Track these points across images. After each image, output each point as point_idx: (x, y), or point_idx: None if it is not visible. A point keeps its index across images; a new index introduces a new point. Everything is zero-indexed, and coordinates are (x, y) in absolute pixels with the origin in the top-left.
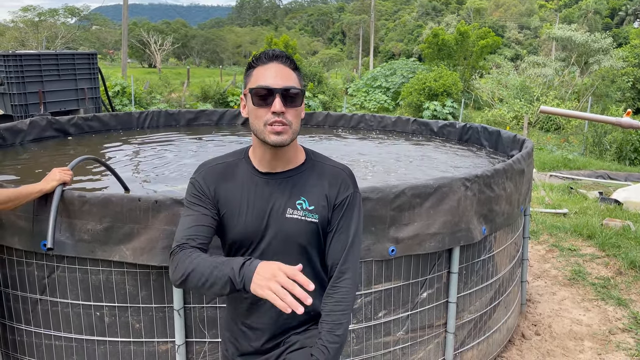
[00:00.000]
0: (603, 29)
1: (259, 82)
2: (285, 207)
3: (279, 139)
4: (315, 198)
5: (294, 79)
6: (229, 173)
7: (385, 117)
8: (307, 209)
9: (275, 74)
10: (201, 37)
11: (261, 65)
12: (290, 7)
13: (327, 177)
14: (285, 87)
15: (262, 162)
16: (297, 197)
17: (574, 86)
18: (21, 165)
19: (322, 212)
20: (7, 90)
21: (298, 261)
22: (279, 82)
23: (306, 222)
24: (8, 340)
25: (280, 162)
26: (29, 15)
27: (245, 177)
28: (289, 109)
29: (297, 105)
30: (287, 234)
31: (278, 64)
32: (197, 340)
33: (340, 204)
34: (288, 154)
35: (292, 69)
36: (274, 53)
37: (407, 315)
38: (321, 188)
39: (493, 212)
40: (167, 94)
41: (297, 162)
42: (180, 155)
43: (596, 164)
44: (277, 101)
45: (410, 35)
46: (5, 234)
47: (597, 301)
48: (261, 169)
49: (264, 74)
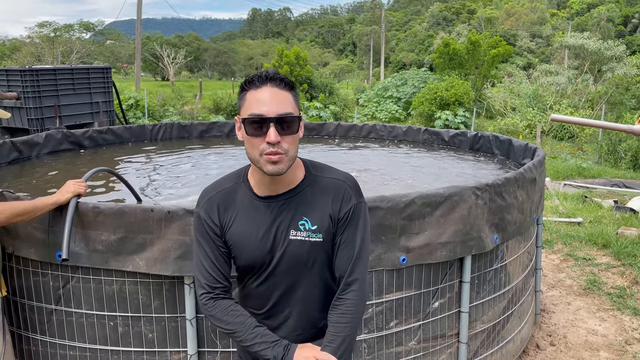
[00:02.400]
0: (616, 37)
1: (252, 109)
2: (289, 229)
3: (275, 168)
4: (317, 216)
5: (290, 102)
6: (229, 201)
7: (396, 127)
8: (310, 229)
9: (269, 99)
10: (213, 50)
11: (254, 89)
12: (302, 20)
13: (329, 191)
14: (280, 115)
15: (262, 185)
16: (299, 218)
17: (587, 94)
18: (37, 178)
19: (327, 229)
20: (23, 104)
21: (309, 278)
22: (273, 109)
23: (311, 243)
24: (24, 350)
25: (280, 185)
26: (45, 30)
27: (245, 203)
28: (285, 137)
29: (293, 132)
30: (293, 256)
31: (272, 87)
32: (209, 350)
33: (344, 217)
34: (287, 177)
35: (288, 90)
36: (267, 75)
37: (418, 325)
38: (323, 205)
39: (505, 221)
40: (180, 107)
41: (297, 181)
42: (193, 166)
43: (611, 172)
44: (272, 131)
45: (421, 45)
46: (21, 245)
47: (612, 311)
48: (261, 193)
49: (257, 99)
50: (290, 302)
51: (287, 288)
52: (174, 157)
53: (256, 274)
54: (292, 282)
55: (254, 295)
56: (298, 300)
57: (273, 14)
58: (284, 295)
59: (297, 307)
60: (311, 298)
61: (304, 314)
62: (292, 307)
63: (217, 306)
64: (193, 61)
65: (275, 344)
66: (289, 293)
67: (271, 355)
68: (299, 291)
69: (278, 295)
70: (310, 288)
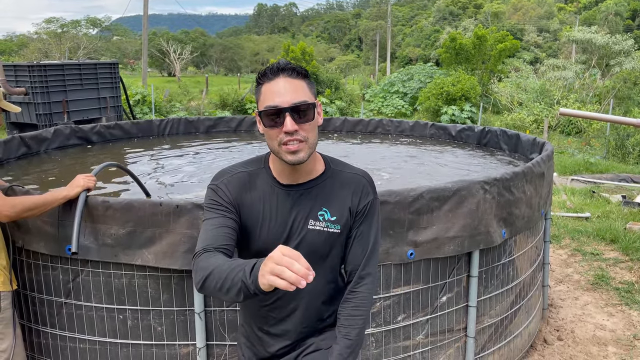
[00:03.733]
0: (624, 31)
1: (267, 101)
2: (307, 219)
3: (295, 157)
4: (337, 208)
5: (304, 90)
6: (251, 183)
7: (403, 122)
8: (329, 219)
9: (283, 90)
10: (219, 46)
11: (267, 81)
12: (307, 15)
13: (348, 185)
14: (294, 104)
15: (283, 174)
16: (318, 208)
17: (595, 89)
18: (45, 172)
19: (345, 222)
20: (31, 99)
21: (321, 270)
22: (287, 99)
23: (329, 233)
24: (34, 343)
25: (300, 175)
26: (52, 27)
27: (266, 188)
28: (302, 125)
29: (309, 119)
30: (309, 245)
31: (285, 77)
32: (217, 344)
33: (362, 211)
34: (308, 166)
35: (302, 79)
36: (279, 66)
37: (426, 319)
38: (343, 197)
39: (513, 216)
40: (187, 102)
41: (317, 173)
42: (201, 161)
43: (619, 167)
44: (288, 120)
45: (427, 40)
46: (31, 239)
47: (621, 306)
48: (282, 181)
49: (271, 91)
50: (299, 294)
51: None
52: (182, 152)
53: None
54: None
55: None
56: (306, 292)
57: (279, 9)
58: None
59: (305, 300)
60: (319, 291)
61: (311, 306)
62: (300, 300)
63: (203, 256)
64: (199, 57)
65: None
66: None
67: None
68: (309, 283)
69: None
70: (319, 281)
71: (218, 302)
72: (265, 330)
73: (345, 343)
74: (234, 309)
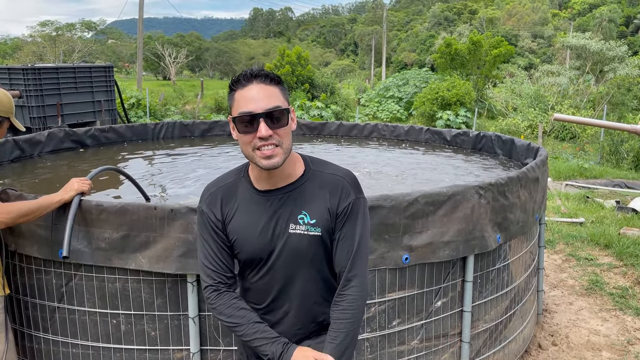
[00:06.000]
0: (618, 37)
1: (241, 107)
2: (288, 223)
3: (270, 162)
4: (316, 210)
5: (277, 95)
6: (230, 195)
7: (398, 127)
8: (309, 223)
9: (257, 96)
10: (215, 50)
11: (241, 88)
12: (303, 19)
13: (327, 186)
14: (268, 110)
15: (261, 180)
16: (298, 212)
17: (589, 95)
18: (39, 176)
19: (325, 224)
20: (26, 102)
21: (307, 272)
22: (261, 105)
23: (309, 236)
24: (26, 347)
25: (279, 179)
26: (47, 30)
27: (246, 198)
28: (277, 130)
29: (284, 124)
30: (292, 249)
31: (258, 83)
32: (211, 348)
33: (343, 212)
34: (285, 170)
35: (275, 85)
36: (252, 72)
37: (421, 324)
38: (322, 199)
39: (507, 220)
40: (182, 106)
41: (296, 176)
42: (196, 165)
43: (613, 172)
44: (262, 126)
45: (422, 45)
46: (24, 243)
47: (615, 311)
48: (261, 187)
49: (245, 97)
50: (289, 297)
51: (286, 282)
52: (176, 156)
53: (256, 267)
54: (291, 276)
55: (253, 289)
56: (297, 294)
57: (274, 13)
58: (283, 290)
59: (295, 302)
60: (310, 292)
61: (303, 308)
62: (292, 302)
63: (220, 299)
64: (194, 61)
65: (274, 340)
66: (287, 287)
67: (270, 352)
68: (297, 285)
69: (277, 289)
70: (308, 282)
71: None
72: None
73: (333, 347)
74: None
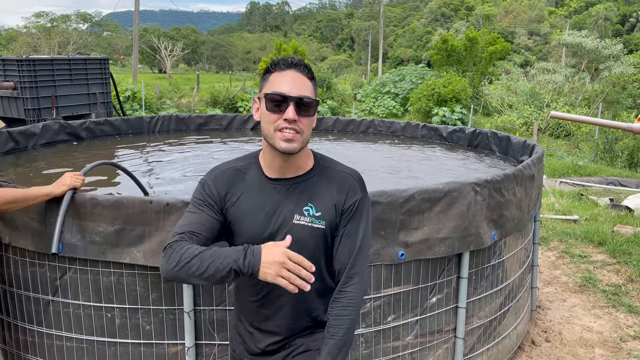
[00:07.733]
0: (613, 36)
1: (275, 88)
2: (293, 213)
3: (288, 146)
4: (323, 204)
5: (310, 88)
6: (239, 178)
7: (395, 122)
8: (314, 215)
9: (292, 82)
10: (211, 43)
11: (279, 71)
12: (300, 14)
13: (335, 182)
14: (300, 96)
15: (272, 167)
16: (304, 204)
17: (584, 92)
18: (32, 169)
19: (330, 218)
20: (20, 94)
21: None
22: (294, 90)
23: (313, 228)
24: (20, 340)
25: (289, 169)
26: (42, 21)
27: (254, 183)
28: (302, 118)
29: (310, 114)
30: (294, 240)
31: (296, 72)
32: (206, 343)
33: (349, 209)
34: (298, 161)
35: (309, 79)
36: (293, 61)
37: (416, 319)
38: (329, 194)
39: (503, 217)
40: (177, 99)
41: (306, 168)
42: (192, 159)
43: (607, 170)
44: (291, 109)
45: (419, 41)
46: (18, 236)
47: (608, 308)
48: (270, 175)
49: (280, 80)
50: (285, 290)
51: None
52: (172, 150)
53: None
54: None
55: (249, 280)
56: None
57: (271, 7)
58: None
59: (291, 295)
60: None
61: (299, 302)
62: (287, 295)
63: (178, 244)
64: (190, 54)
65: (232, 250)
66: None
67: (230, 258)
68: None
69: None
70: None
71: (207, 301)
72: (256, 325)
73: (332, 343)
74: (224, 308)
